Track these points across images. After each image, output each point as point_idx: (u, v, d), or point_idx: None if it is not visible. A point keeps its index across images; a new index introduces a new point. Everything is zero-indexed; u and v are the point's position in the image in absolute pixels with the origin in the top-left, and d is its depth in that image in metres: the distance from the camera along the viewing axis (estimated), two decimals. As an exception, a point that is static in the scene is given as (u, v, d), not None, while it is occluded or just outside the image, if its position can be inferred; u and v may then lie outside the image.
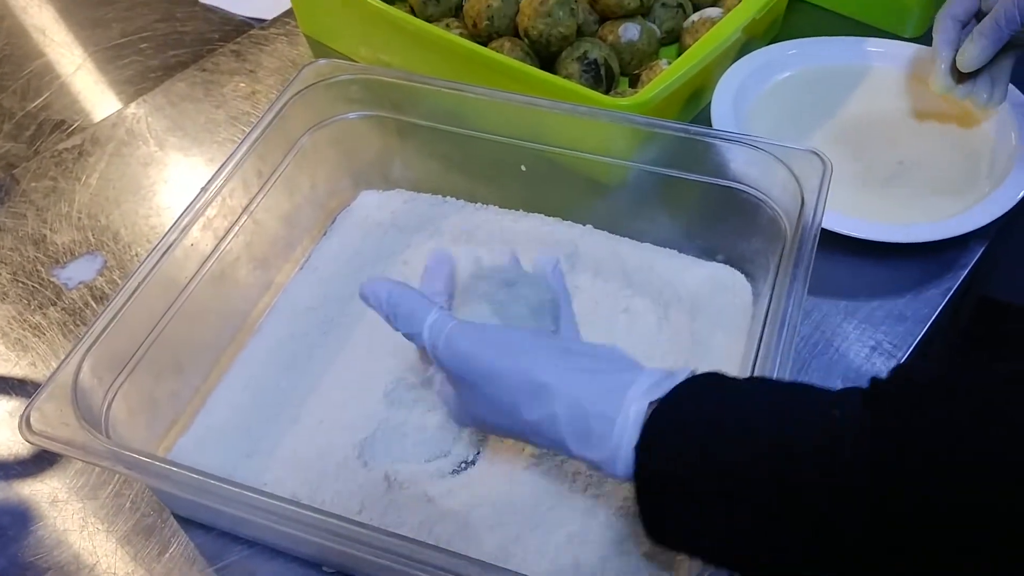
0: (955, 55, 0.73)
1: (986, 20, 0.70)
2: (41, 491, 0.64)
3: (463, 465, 0.62)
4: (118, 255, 0.79)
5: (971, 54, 0.71)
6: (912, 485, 0.38)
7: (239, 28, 1.02)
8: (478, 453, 0.62)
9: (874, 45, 0.88)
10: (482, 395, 0.51)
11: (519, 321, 0.56)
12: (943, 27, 0.73)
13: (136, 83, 0.98)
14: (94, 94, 0.98)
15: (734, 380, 0.47)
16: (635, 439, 0.46)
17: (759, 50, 0.86)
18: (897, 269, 0.73)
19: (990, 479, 0.37)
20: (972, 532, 0.37)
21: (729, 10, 0.83)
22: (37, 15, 1.10)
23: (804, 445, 0.42)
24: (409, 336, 0.54)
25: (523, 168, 0.74)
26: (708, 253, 0.73)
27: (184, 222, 0.64)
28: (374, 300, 0.56)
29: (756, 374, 0.54)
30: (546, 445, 0.50)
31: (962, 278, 0.73)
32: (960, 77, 0.75)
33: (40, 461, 0.66)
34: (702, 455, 0.44)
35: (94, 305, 0.75)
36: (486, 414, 0.52)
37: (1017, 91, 0.79)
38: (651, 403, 0.46)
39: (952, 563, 0.38)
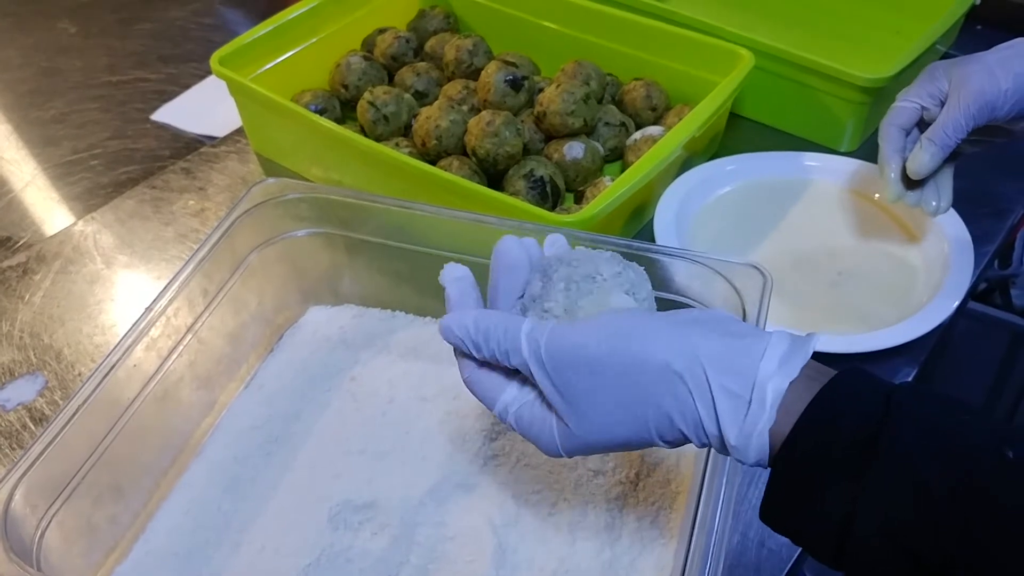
0: (903, 163, 0.74)
1: (934, 127, 0.71)
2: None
3: (410, 590, 0.60)
4: (60, 375, 0.78)
5: (921, 160, 0.72)
6: None
7: (190, 145, 1.03)
8: (426, 576, 0.61)
9: (811, 159, 0.92)
10: (599, 399, 0.47)
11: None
12: (889, 136, 0.74)
13: (85, 200, 0.98)
14: (43, 210, 0.98)
15: (892, 384, 0.44)
16: (772, 420, 0.44)
17: (700, 166, 0.89)
18: (841, 379, 0.74)
19: None
20: None
21: (670, 128, 0.86)
22: (-12, 133, 1.10)
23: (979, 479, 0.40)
24: (501, 358, 0.49)
25: (471, 283, 0.75)
26: (656, 365, 0.73)
27: (127, 343, 0.63)
28: (460, 331, 0.51)
29: (707, 478, 0.54)
30: (672, 437, 0.47)
31: (905, 387, 0.74)
32: (909, 184, 0.75)
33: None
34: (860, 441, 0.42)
35: (32, 427, 0.73)
36: (601, 422, 0.47)
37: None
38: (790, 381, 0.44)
39: None
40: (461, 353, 0.53)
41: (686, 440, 0.47)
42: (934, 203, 0.76)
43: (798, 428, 0.43)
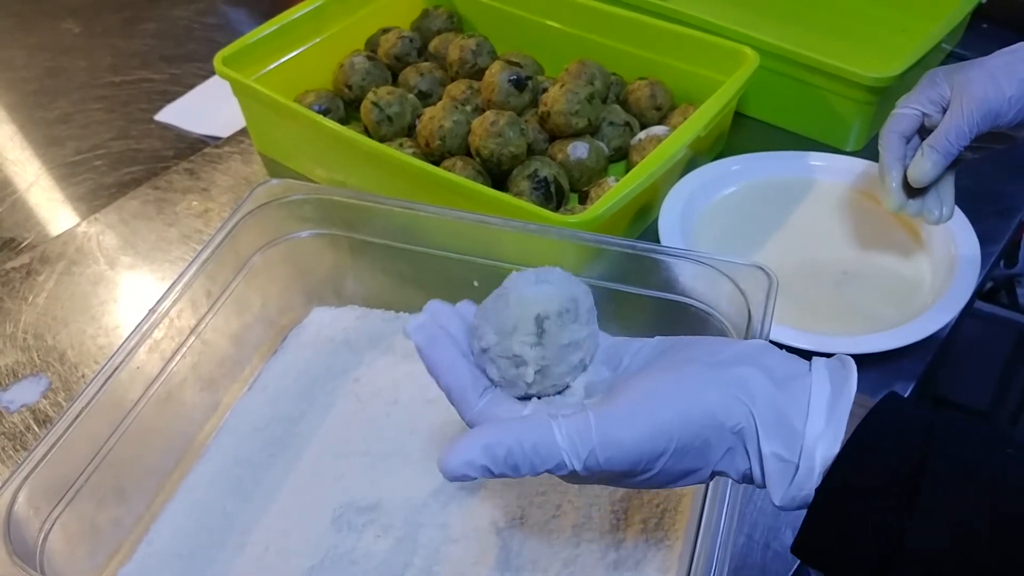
0: (904, 171, 0.73)
1: (936, 134, 0.70)
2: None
3: (414, 592, 0.60)
4: (64, 376, 0.78)
5: (923, 168, 0.71)
6: None
7: (194, 146, 1.03)
8: (430, 578, 0.60)
9: (817, 159, 0.91)
10: (657, 473, 0.44)
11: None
12: (889, 144, 0.73)
13: (89, 200, 0.98)
14: (47, 211, 0.98)
15: (932, 413, 0.44)
16: (818, 483, 0.43)
17: (705, 166, 0.89)
18: (847, 379, 0.74)
19: None
20: None
21: (675, 128, 0.86)
22: (-7, 134, 1.11)
23: None
24: (544, 469, 0.43)
25: (476, 283, 0.74)
26: (660, 366, 0.73)
27: (130, 345, 0.63)
28: (474, 470, 0.43)
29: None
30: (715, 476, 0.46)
31: (911, 388, 0.74)
32: (911, 193, 0.74)
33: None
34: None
35: (36, 429, 0.73)
36: (660, 482, 0.45)
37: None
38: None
39: None
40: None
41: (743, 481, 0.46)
42: (936, 212, 0.74)
43: (837, 464, 0.43)
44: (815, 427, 0.43)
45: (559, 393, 0.49)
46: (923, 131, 0.73)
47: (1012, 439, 0.43)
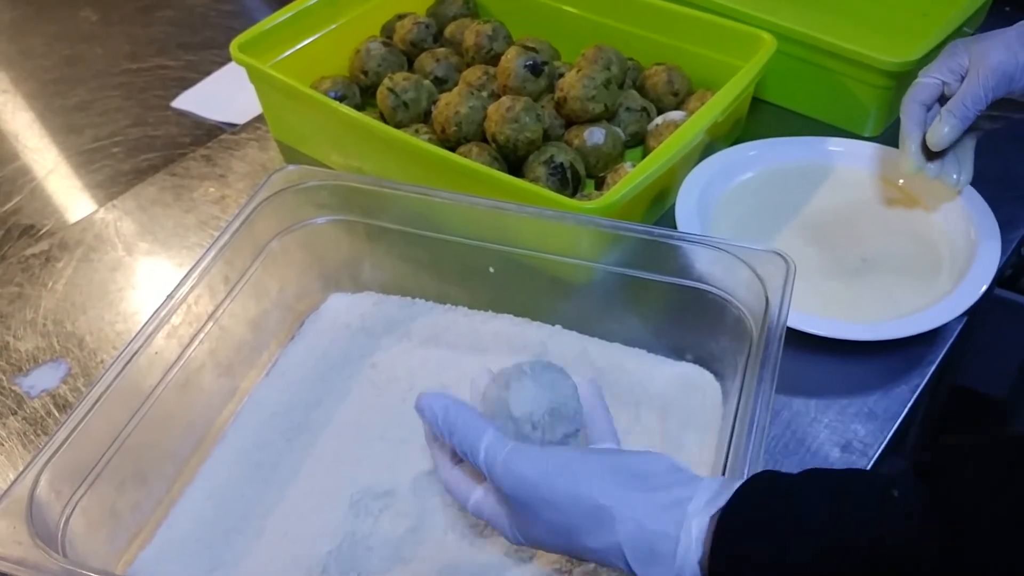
0: (923, 136, 0.75)
1: (954, 100, 0.73)
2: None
3: (431, 578, 0.60)
4: (83, 362, 0.78)
5: (940, 132, 0.74)
6: (980, 545, 0.41)
7: (210, 132, 1.04)
8: (447, 563, 0.61)
9: (835, 144, 0.90)
10: (541, 519, 0.51)
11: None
12: (910, 111, 0.76)
13: (107, 187, 0.99)
14: (65, 198, 0.99)
15: (788, 479, 0.48)
16: (699, 554, 0.46)
17: (722, 151, 0.88)
18: (865, 366, 0.73)
19: None
20: None
21: (692, 113, 0.85)
22: (11, 121, 1.11)
23: (872, 530, 0.44)
24: (463, 454, 0.54)
25: (491, 270, 0.75)
26: (677, 353, 0.73)
27: (148, 331, 0.63)
28: (429, 415, 0.56)
29: (727, 475, 0.54)
30: (607, 564, 0.50)
31: (929, 375, 0.73)
32: (930, 156, 0.77)
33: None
34: (772, 561, 0.45)
35: (56, 414, 0.74)
36: (544, 536, 0.52)
37: (969, 185, 0.81)
38: (712, 516, 0.47)
39: None
40: (435, 445, 0.58)
41: (621, 570, 0.50)
42: (955, 176, 0.78)
43: (715, 545, 0.46)
44: (695, 506, 0.48)
45: None
46: (943, 100, 0.76)
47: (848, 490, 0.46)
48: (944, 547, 0.42)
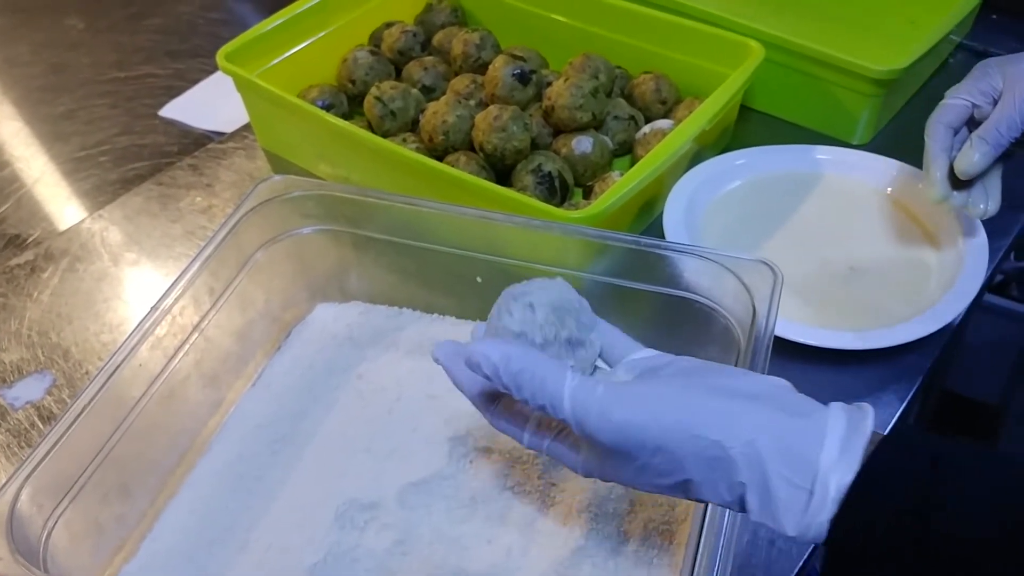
0: (950, 163, 0.72)
1: (986, 125, 0.69)
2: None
3: (417, 590, 0.60)
4: (68, 373, 0.78)
5: (971, 159, 0.69)
6: None
7: (197, 141, 1.03)
8: (433, 576, 0.60)
9: (823, 152, 0.90)
10: (637, 463, 0.46)
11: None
12: (936, 134, 0.72)
13: (94, 196, 0.98)
14: (52, 207, 0.98)
15: (939, 444, 0.44)
16: (831, 513, 0.43)
17: (710, 159, 0.88)
18: (853, 375, 0.73)
19: None
20: None
21: (680, 121, 0.85)
22: (-1, 129, 1.11)
23: None
24: (539, 408, 0.47)
25: (479, 279, 0.74)
26: (665, 362, 0.73)
27: (133, 342, 0.63)
28: (486, 367, 0.47)
29: None
30: (700, 501, 0.47)
31: (918, 383, 0.73)
32: (956, 184, 0.73)
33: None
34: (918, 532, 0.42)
35: (40, 426, 0.73)
36: (631, 478, 0.47)
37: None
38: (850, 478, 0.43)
39: None
40: (479, 390, 0.52)
41: (733, 509, 0.46)
42: (982, 205, 0.73)
43: (851, 494, 0.43)
44: (829, 457, 0.43)
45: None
46: (971, 123, 0.72)
47: (1014, 461, 0.43)
48: None
